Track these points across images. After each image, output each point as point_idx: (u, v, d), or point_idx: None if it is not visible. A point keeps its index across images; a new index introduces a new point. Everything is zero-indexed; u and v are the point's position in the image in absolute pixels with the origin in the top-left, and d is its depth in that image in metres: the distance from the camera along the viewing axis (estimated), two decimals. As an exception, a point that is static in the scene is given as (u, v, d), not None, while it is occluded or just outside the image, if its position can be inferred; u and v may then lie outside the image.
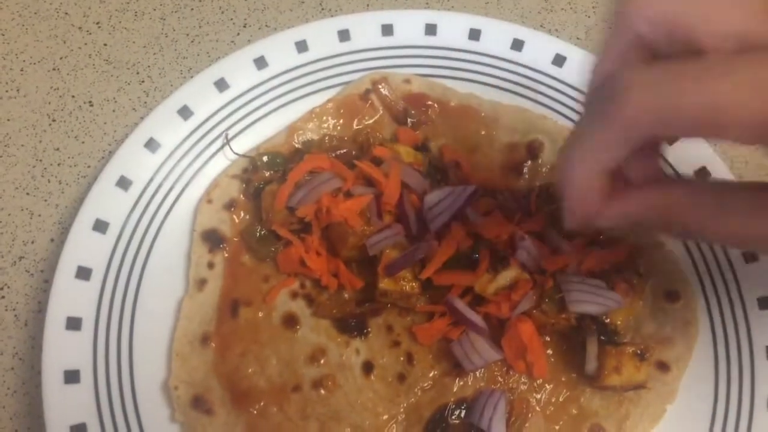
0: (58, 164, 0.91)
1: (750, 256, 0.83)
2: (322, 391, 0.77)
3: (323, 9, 1.03)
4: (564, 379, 0.78)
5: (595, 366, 0.76)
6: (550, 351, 0.79)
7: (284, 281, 0.82)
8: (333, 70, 0.92)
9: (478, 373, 0.78)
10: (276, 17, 1.02)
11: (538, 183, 0.87)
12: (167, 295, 0.81)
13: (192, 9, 1.02)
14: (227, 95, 0.89)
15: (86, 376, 0.75)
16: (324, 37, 0.92)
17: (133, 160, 0.83)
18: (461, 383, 0.78)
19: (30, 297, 0.84)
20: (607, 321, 0.78)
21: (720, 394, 0.78)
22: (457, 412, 0.76)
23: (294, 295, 0.82)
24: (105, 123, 0.94)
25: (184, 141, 0.86)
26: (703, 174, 0.86)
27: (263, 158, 0.85)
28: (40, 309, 0.83)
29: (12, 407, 0.79)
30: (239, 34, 1.01)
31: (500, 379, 0.78)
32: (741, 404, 0.78)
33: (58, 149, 0.92)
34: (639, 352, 0.76)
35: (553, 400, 0.78)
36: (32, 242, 0.87)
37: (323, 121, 0.89)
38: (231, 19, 1.02)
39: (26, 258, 0.86)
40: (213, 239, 0.82)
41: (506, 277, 0.76)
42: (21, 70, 0.96)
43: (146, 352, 0.78)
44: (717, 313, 0.82)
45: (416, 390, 0.78)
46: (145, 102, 0.95)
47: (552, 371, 0.78)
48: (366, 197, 0.79)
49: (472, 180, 0.83)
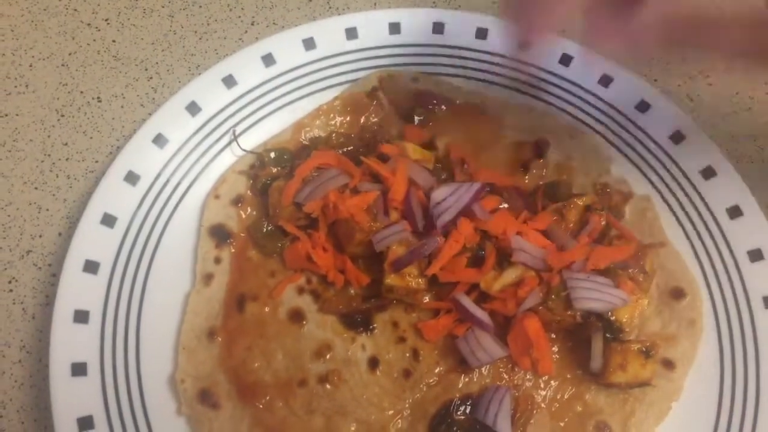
0: (67, 159, 0.92)
1: (755, 255, 0.83)
2: (328, 386, 0.77)
3: (331, 7, 1.04)
4: (569, 376, 0.79)
5: (601, 363, 0.76)
6: (556, 348, 0.79)
7: (291, 277, 0.82)
8: (340, 68, 0.93)
9: (484, 370, 0.78)
10: (284, 15, 1.03)
11: (543, 182, 0.87)
12: (174, 290, 0.81)
13: (200, 6, 1.02)
14: (235, 92, 0.89)
15: (93, 369, 0.76)
16: (331, 35, 0.93)
17: (141, 156, 0.84)
18: (466, 379, 0.78)
19: (38, 290, 0.85)
20: (613, 318, 0.78)
21: (725, 392, 0.79)
22: (462, 408, 0.77)
23: (300, 291, 0.82)
24: (113, 119, 0.94)
25: (192, 137, 0.87)
26: (709, 173, 0.87)
27: (270, 154, 0.86)
28: (48, 302, 0.84)
29: (19, 399, 0.80)
30: (247, 32, 1.01)
31: (505, 376, 0.78)
32: (746, 402, 0.78)
33: (67, 144, 0.93)
34: (644, 350, 0.76)
35: (558, 397, 0.78)
36: (40, 236, 0.87)
37: (330, 119, 0.90)
38: (239, 17, 1.02)
39: (34, 252, 0.87)
40: (220, 234, 0.83)
41: (512, 275, 0.77)
42: (30, 66, 0.97)
43: (153, 346, 0.79)
44: (722, 312, 0.82)
45: (422, 386, 0.78)
46: (153, 98, 0.96)
47: (557, 368, 0.78)
48: (372, 193, 0.79)
49: (479, 177, 0.84)
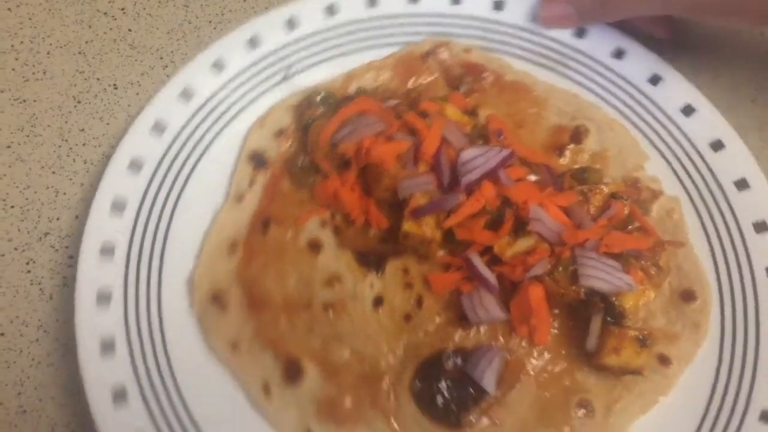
0: (83, 144, 0.94)
1: None
2: (331, 314, 0.81)
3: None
4: (564, 353, 0.80)
5: (596, 343, 0.78)
6: (556, 324, 0.81)
7: (317, 209, 0.86)
8: (397, 29, 0.97)
9: (482, 330, 0.80)
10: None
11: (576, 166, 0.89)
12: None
13: (215, -4, 1.04)
14: (295, 34, 0.95)
15: (117, 298, 0.80)
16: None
17: (170, 107, 0.89)
18: (463, 334, 0.80)
19: (55, 272, 0.86)
20: (616, 302, 0.79)
21: (714, 401, 0.79)
22: (453, 359, 0.79)
23: (323, 224, 0.86)
24: (129, 105, 0.96)
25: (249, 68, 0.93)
26: (743, 185, 0.89)
27: (318, 95, 0.90)
28: (65, 283, 0.86)
29: (36, 378, 0.81)
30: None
31: (501, 339, 0.80)
32: (733, 413, 0.78)
33: (83, 130, 0.94)
34: (641, 338, 0.77)
35: (549, 369, 0.79)
36: (57, 219, 0.89)
37: (380, 74, 0.95)
38: (252, 8, 1.04)
39: (51, 234, 0.88)
40: (258, 160, 0.88)
41: (525, 243, 0.78)
42: (48, 54, 0.99)
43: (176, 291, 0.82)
44: (729, 324, 0.83)
45: (419, 332, 0.81)
46: (169, 86, 0.98)
47: (553, 342, 0.80)
48: (405, 143, 0.83)
49: (512, 148, 0.85)
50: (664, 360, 0.80)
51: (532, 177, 0.85)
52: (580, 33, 0.98)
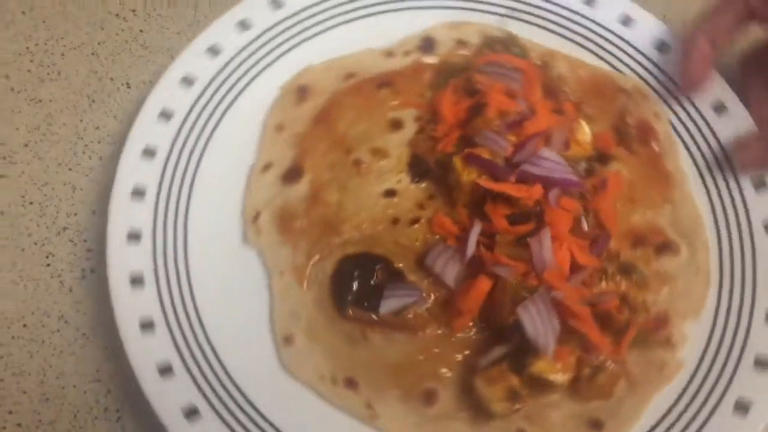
0: (99, 142, 0.96)
1: None
2: (353, 168, 0.88)
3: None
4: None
5: (484, 365, 0.76)
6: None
7: (414, 101, 0.93)
8: None
9: (425, 282, 0.83)
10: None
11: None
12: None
13: (222, -3, 1.07)
14: None
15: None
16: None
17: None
18: (416, 276, 0.83)
19: (74, 265, 0.89)
20: (527, 357, 0.75)
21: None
22: (383, 271, 0.82)
23: (417, 119, 0.92)
24: (142, 103, 0.98)
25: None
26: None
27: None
28: (84, 275, 0.88)
29: (58, 367, 0.83)
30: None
31: (432, 296, 0.82)
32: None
33: (98, 128, 0.97)
34: (516, 392, 0.74)
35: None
36: (75, 214, 0.92)
37: (577, 71, 0.96)
38: (260, 6, 1.06)
39: (69, 229, 0.91)
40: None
41: (517, 252, 0.79)
42: (62, 55, 1.02)
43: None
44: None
45: (392, 237, 0.85)
46: (180, 83, 1.00)
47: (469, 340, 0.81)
48: (520, 106, 0.86)
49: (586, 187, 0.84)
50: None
51: (584, 224, 0.82)
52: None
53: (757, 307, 0.82)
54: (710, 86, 0.91)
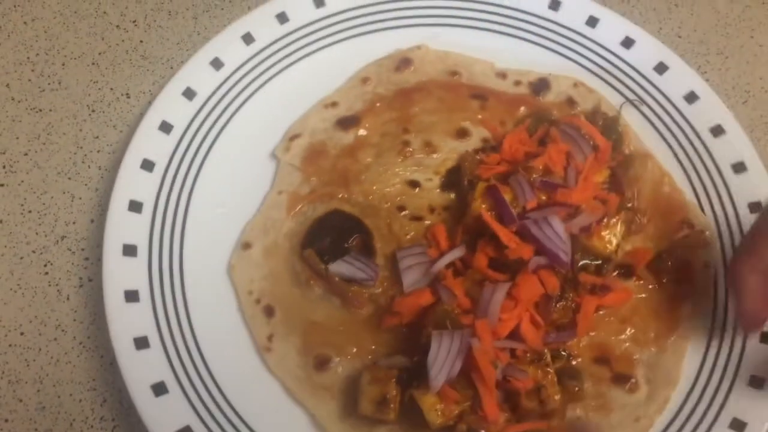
0: (98, 151, 0.97)
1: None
2: (404, 148, 0.92)
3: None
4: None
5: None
6: None
7: (492, 125, 0.95)
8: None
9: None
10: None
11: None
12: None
13: (222, 9, 1.08)
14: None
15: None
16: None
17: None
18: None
19: (72, 273, 0.90)
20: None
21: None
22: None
23: (484, 140, 0.95)
24: (142, 113, 0.99)
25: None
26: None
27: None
28: (81, 284, 0.89)
29: (55, 375, 0.84)
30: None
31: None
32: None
33: (98, 137, 0.98)
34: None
35: None
36: (74, 223, 0.92)
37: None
38: (259, 19, 1.07)
39: (68, 237, 0.91)
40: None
41: (473, 288, 0.80)
42: (63, 65, 1.02)
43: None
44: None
45: (398, 219, 0.89)
46: (179, 94, 1.01)
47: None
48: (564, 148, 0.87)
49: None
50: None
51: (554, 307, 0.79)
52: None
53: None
54: None
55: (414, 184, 0.90)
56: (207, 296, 0.84)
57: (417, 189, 0.90)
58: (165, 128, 0.91)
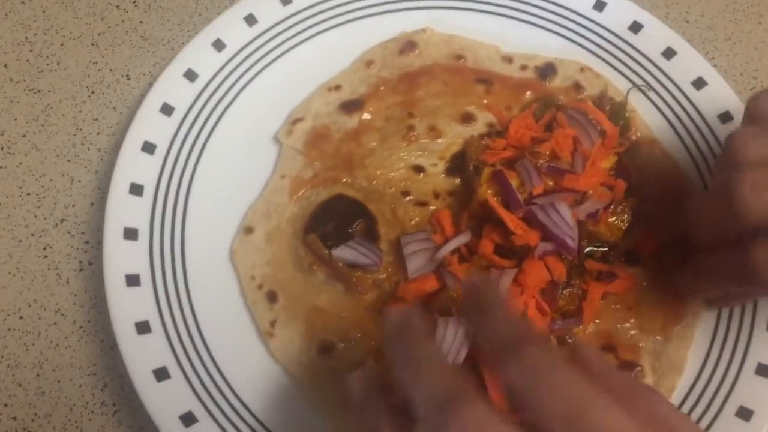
0: (98, 133, 0.96)
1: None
2: (409, 132, 0.91)
3: None
4: None
5: None
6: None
7: (498, 109, 0.93)
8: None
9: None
10: None
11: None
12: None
13: (224, -11, 1.06)
14: None
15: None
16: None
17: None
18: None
19: (71, 257, 0.88)
20: None
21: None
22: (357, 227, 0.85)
23: (489, 125, 0.93)
24: (142, 95, 0.97)
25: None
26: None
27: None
28: (81, 268, 0.88)
29: (54, 359, 0.83)
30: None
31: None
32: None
33: (98, 119, 0.96)
34: None
35: None
36: (73, 206, 0.91)
37: None
38: (261, 0, 1.06)
39: (67, 221, 0.90)
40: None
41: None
42: (61, 45, 1.01)
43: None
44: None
45: (403, 205, 0.87)
46: (180, 76, 0.99)
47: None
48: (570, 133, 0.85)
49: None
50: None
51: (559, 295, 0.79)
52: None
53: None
54: None
55: (419, 169, 0.89)
56: (209, 281, 0.82)
57: (422, 174, 0.89)
58: (166, 110, 0.89)
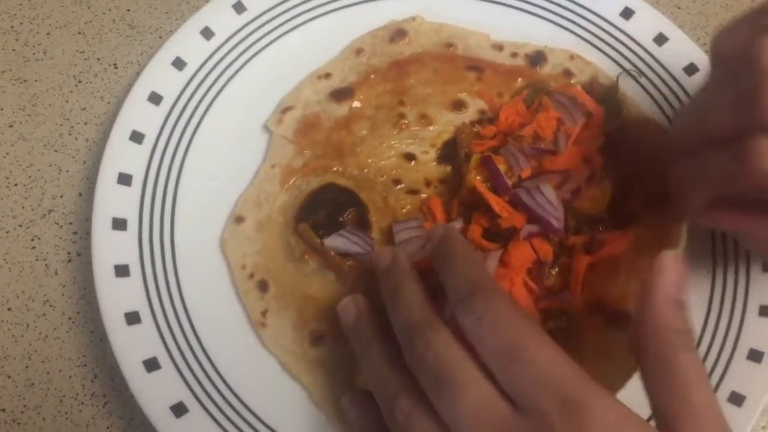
0: (85, 123, 0.94)
1: None
2: (399, 120, 0.90)
3: None
4: None
5: None
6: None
7: (489, 96, 0.93)
8: None
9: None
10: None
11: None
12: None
13: (212, -23, 1.05)
14: None
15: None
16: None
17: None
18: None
19: (59, 248, 0.88)
20: None
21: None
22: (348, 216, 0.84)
23: (480, 112, 0.92)
24: (129, 84, 0.96)
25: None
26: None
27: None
28: (70, 259, 0.87)
29: (44, 351, 0.83)
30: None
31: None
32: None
33: (85, 109, 0.95)
34: None
35: None
36: (61, 196, 0.90)
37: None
38: (250, -13, 1.05)
39: (55, 211, 0.89)
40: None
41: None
42: (47, 34, 1.00)
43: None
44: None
45: (394, 193, 0.87)
46: (168, 65, 0.98)
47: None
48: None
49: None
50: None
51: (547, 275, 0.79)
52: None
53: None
54: None
55: (410, 157, 0.89)
56: (199, 271, 0.82)
57: (413, 162, 0.88)
58: (154, 99, 0.88)
